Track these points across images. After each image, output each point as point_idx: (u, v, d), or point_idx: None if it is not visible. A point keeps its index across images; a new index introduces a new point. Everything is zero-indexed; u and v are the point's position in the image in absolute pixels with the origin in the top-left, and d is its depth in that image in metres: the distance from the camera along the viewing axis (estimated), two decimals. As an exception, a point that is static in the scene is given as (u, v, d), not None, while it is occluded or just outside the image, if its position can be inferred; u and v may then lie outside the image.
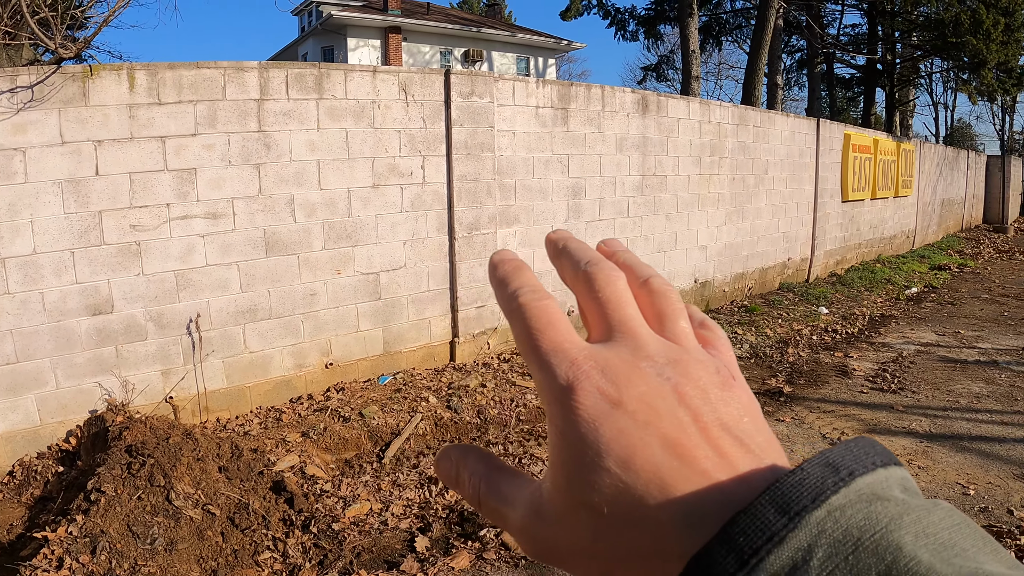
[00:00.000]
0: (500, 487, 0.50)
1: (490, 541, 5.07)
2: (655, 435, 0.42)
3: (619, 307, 0.49)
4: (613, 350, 0.46)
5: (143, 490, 4.93)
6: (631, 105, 10.27)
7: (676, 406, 0.43)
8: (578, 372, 0.44)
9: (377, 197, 7.59)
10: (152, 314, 6.39)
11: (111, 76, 6.00)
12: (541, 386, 0.46)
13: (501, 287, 0.52)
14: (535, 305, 0.48)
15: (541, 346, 0.46)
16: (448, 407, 7.00)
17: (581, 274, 0.51)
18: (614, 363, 0.45)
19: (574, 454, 0.43)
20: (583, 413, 0.43)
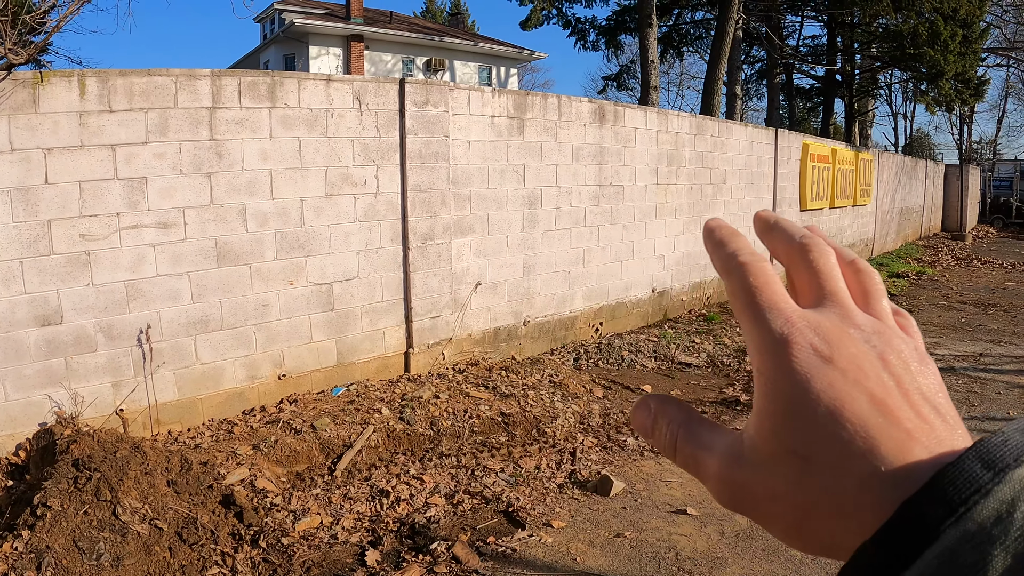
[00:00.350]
0: (699, 434, 0.53)
1: (441, 555, 5.05)
2: (863, 392, 0.45)
3: (831, 278, 0.52)
4: (823, 315, 0.50)
5: (89, 505, 4.87)
6: (588, 115, 10.29)
7: (881, 370, 0.46)
8: (792, 328, 0.48)
9: (330, 207, 7.55)
10: (102, 325, 6.31)
11: (62, 83, 5.93)
12: (754, 339, 0.49)
13: (719, 248, 0.55)
14: (756, 265, 0.52)
15: (759, 302, 0.50)
16: (401, 419, 6.96)
17: (796, 245, 0.54)
18: (825, 325, 0.48)
19: (784, 403, 0.46)
20: (797, 365, 0.46)
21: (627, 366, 9.85)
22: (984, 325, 13.17)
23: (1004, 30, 31.55)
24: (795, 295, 0.53)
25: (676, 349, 10.49)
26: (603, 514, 5.75)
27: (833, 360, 0.46)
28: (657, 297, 12.23)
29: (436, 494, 5.89)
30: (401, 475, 6.18)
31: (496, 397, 7.69)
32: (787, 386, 0.46)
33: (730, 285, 0.52)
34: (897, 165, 25.50)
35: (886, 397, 0.45)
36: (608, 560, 5.11)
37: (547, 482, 6.24)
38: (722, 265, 0.54)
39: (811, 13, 27.94)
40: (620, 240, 11.17)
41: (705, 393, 8.89)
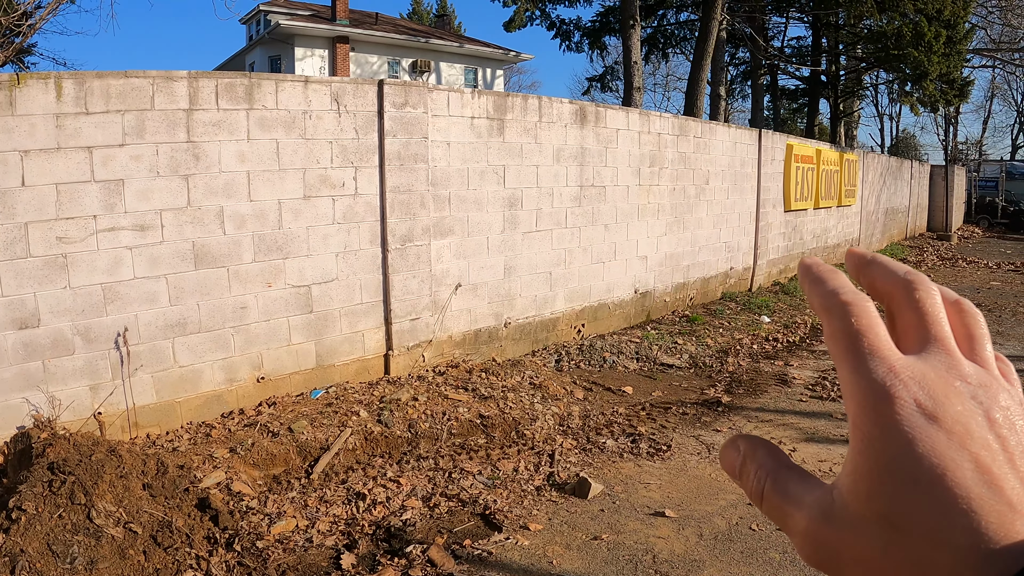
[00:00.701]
0: (787, 485, 0.50)
1: (416, 558, 5.03)
2: (967, 457, 0.42)
3: (938, 322, 0.49)
4: (929, 364, 0.46)
5: (64, 508, 4.84)
6: (569, 116, 10.28)
7: (987, 430, 0.44)
8: (896, 380, 0.45)
9: (308, 209, 7.52)
10: (79, 328, 6.27)
11: (38, 85, 5.89)
12: (853, 388, 0.46)
13: (817, 284, 0.52)
14: (860, 305, 0.48)
15: (862, 347, 0.47)
16: (379, 421, 6.94)
17: (901, 282, 0.51)
18: (931, 377, 0.45)
19: (881, 464, 0.44)
20: (899, 423, 0.44)
21: (609, 367, 9.85)
22: (967, 325, 13.17)
23: (989, 31, 31.69)
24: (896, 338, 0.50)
25: (658, 350, 10.49)
26: (580, 516, 5.74)
27: (938, 419, 0.44)
28: (640, 298, 12.23)
29: (413, 497, 5.87)
30: (378, 478, 6.16)
31: (475, 399, 7.67)
32: (885, 445, 0.44)
33: (829, 327, 0.49)
34: (882, 166, 25.57)
35: (991, 463, 0.42)
36: (585, 563, 5.10)
37: (525, 484, 6.23)
38: (821, 303, 0.51)
39: (796, 14, 28.01)
40: (602, 241, 11.16)
41: (687, 394, 8.89)
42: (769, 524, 5.65)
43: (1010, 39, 32.85)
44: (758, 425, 7.86)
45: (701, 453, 7.10)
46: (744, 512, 5.88)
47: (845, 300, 0.49)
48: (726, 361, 10.33)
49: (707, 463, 6.87)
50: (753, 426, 7.84)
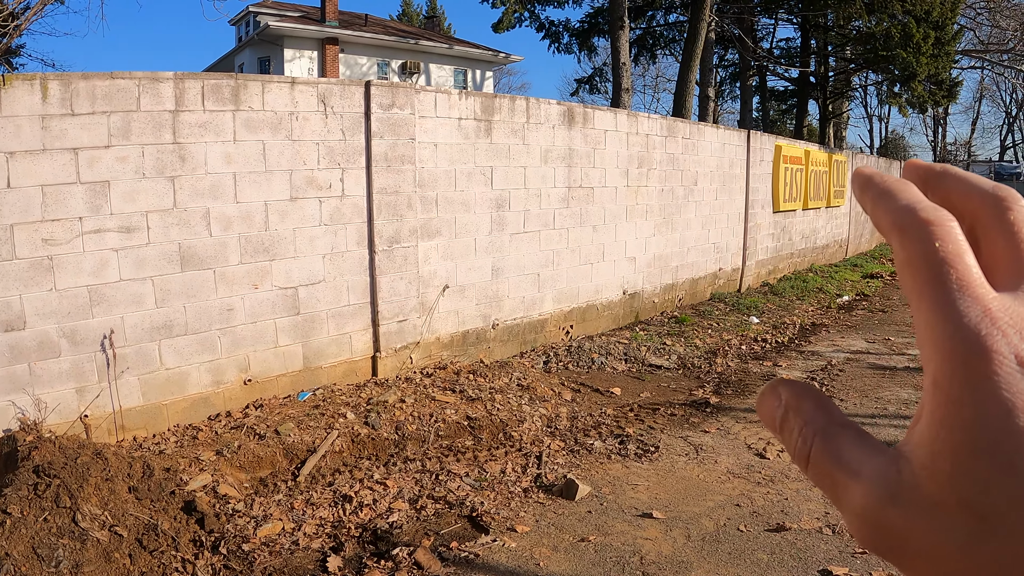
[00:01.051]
0: (841, 448, 0.41)
1: (403, 560, 5.01)
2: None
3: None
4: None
5: (49, 511, 4.81)
6: (557, 117, 10.27)
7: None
8: (993, 328, 0.36)
9: (295, 210, 7.50)
10: (65, 330, 6.23)
11: (24, 86, 5.86)
12: (935, 333, 0.38)
13: (886, 199, 0.42)
14: (944, 226, 0.39)
15: (949, 280, 0.38)
16: (366, 423, 6.92)
17: (990, 199, 0.42)
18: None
19: (970, 438, 0.35)
20: (997, 385, 0.35)
21: (597, 368, 9.84)
22: (955, 325, 13.21)
23: (978, 32, 31.78)
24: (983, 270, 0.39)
25: (647, 351, 10.49)
26: (568, 518, 5.72)
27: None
28: (628, 299, 12.23)
29: (400, 499, 5.85)
30: (365, 480, 6.13)
31: (463, 401, 7.66)
32: (977, 414, 0.35)
33: (905, 251, 0.39)
34: (872, 166, 25.58)
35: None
36: (572, 565, 5.08)
37: (512, 486, 6.21)
38: (893, 221, 0.41)
39: (785, 16, 28.04)
40: (590, 242, 11.16)
41: (675, 395, 8.88)
42: (757, 526, 5.65)
43: (998, 40, 32.92)
44: (746, 426, 7.85)
45: (689, 454, 7.09)
46: (732, 513, 5.88)
47: (926, 218, 0.39)
48: (714, 362, 10.32)
49: (695, 464, 6.86)
50: (742, 427, 7.83)
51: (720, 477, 6.60)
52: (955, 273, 0.37)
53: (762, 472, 6.69)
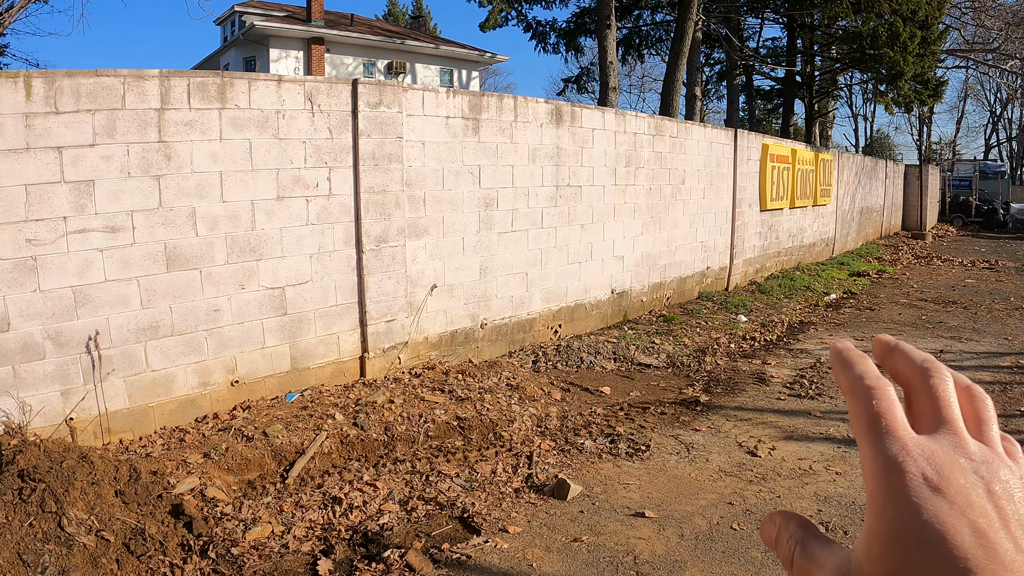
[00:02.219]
0: (813, 550, 0.56)
1: (394, 563, 4.95)
2: (967, 525, 0.47)
3: (950, 406, 0.55)
4: (938, 443, 0.52)
5: (34, 516, 4.74)
6: (544, 115, 10.23)
7: (986, 501, 0.49)
8: (907, 456, 0.51)
9: (282, 210, 7.42)
10: (50, 332, 6.15)
11: (7, 84, 5.77)
12: (870, 463, 0.52)
13: (847, 369, 0.58)
14: (880, 390, 0.55)
15: (880, 427, 0.53)
16: (355, 424, 6.86)
17: (919, 370, 0.57)
18: (938, 454, 0.51)
19: (891, 529, 0.49)
20: (907, 493, 0.49)
21: (586, 368, 9.80)
22: (944, 322, 13.30)
23: (963, 32, 31.90)
24: (912, 419, 0.55)
25: (636, 350, 10.46)
26: (560, 518, 5.68)
27: (942, 490, 0.49)
28: (616, 298, 12.20)
29: (390, 500, 5.79)
30: (354, 482, 6.07)
31: (452, 401, 7.60)
32: (895, 513, 0.49)
33: (853, 408, 0.55)
34: (857, 165, 25.70)
35: (987, 529, 0.47)
36: (565, 565, 5.04)
37: (503, 487, 6.16)
38: (849, 386, 0.57)
39: (771, 15, 28.09)
40: (578, 241, 11.12)
41: (665, 394, 8.85)
42: (750, 524, 5.63)
43: (983, 40, 33.06)
44: (737, 424, 7.83)
45: (680, 453, 7.05)
46: (724, 512, 5.85)
47: (868, 385, 0.55)
48: (704, 360, 10.30)
49: (686, 463, 6.83)
50: (732, 425, 7.80)
51: (712, 475, 6.57)
52: (884, 422, 0.53)
53: (754, 470, 6.67)
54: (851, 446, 7.21)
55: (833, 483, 6.41)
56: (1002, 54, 32.85)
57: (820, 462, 6.86)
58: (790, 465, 6.78)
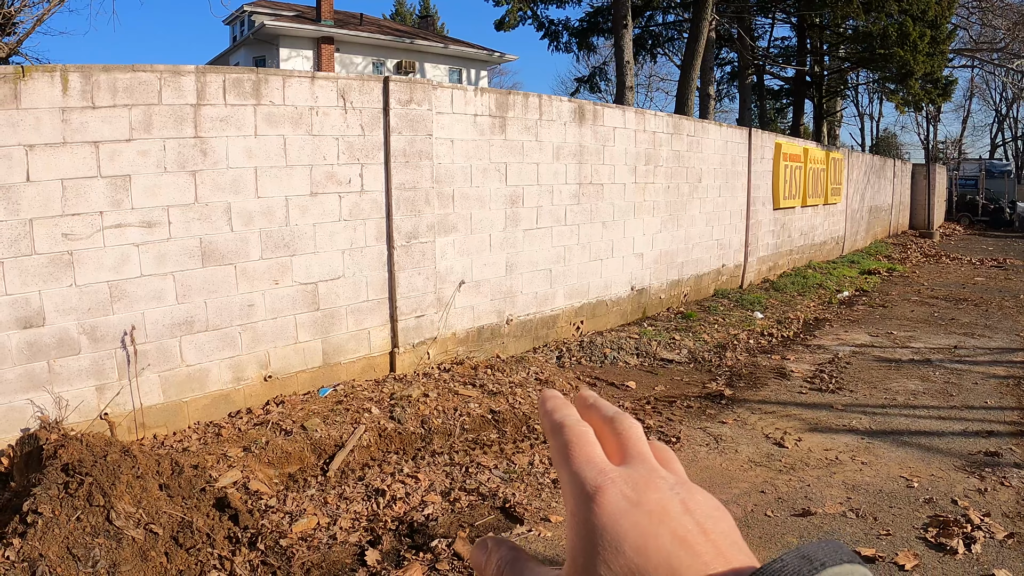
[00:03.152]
0: (523, 570, 0.60)
1: (442, 552, 5.01)
2: (667, 531, 0.51)
3: (639, 442, 0.60)
4: (633, 468, 0.57)
5: (82, 510, 4.77)
6: (568, 114, 10.29)
7: (683, 513, 0.52)
8: (605, 478, 0.55)
9: (315, 205, 7.48)
10: (85, 327, 6.19)
11: (44, 78, 5.81)
12: (571, 488, 0.56)
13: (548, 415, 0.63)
14: (577, 428, 0.60)
15: (578, 456, 0.57)
16: (391, 418, 6.92)
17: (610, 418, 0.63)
18: (635, 476, 0.55)
19: (595, 541, 0.51)
20: (607, 508, 0.52)
21: (610, 363, 9.85)
22: (957, 319, 13.34)
23: (970, 31, 31.94)
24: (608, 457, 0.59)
25: (657, 346, 10.51)
26: (599, 509, 5.73)
27: (640, 504, 0.52)
28: (636, 295, 12.26)
29: (432, 492, 5.85)
30: (395, 474, 6.13)
31: (484, 395, 7.67)
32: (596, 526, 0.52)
33: (555, 443, 0.60)
34: (866, 164, 25.72)
35: (687, 534, 0.51)
36: (608, 553, 5.09)
37: (541, 478, 6.22)
38: (548, 426, 0.62)
39: (781, 15, 28.11)
40: (600, 239, 11.19)
41: (689, 388, 8.91)
42: (783, 511, 5.70)
43: (990, 39, 33.09)
44: (762, 417, 7.90)
45: (709, 444, 7.12)
46: (757, 500, 5.91)
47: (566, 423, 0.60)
48: (724, 356, 10.36)
49: (716, 454, 6.89)
50: (758, 417, 7.87)
51: (742, 466, 6.64)
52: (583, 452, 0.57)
53: (782, 460, 6.73)
54: (875, 438, 7.29)
55: (860, 472, 6.48)
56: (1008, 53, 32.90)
57: (846, 452, 6.93)
58: (817, 455, 6.84)
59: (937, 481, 6.29)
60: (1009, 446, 7.07)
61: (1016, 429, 7.55)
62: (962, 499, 5.91)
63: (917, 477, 6.35)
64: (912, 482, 6.26)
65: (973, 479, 6.34)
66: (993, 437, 7.32)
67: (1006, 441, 7.20)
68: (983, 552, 5.11)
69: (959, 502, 5.85)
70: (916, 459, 6.77)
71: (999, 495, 6.03)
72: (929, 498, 5.95)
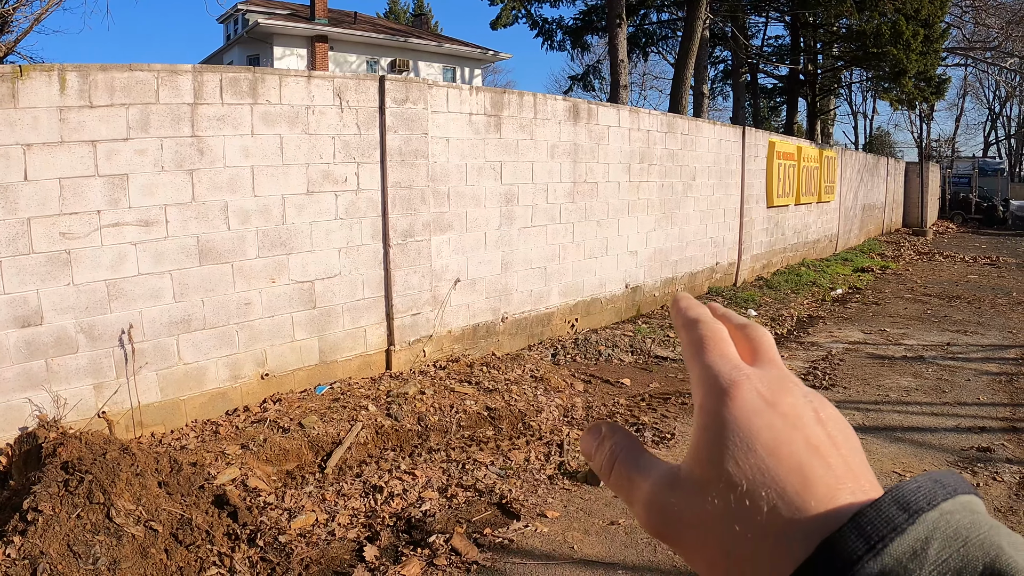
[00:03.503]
0: (639, 458, 0.57)
1: (440, 547, 5.04)
2: (800, 436, 0.50)
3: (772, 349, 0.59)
4: (767, 370, 0.56)
5: (82, 508, 4.79)
6: (562, 112, 10.33)
7: (815, 422, 0.51)
8: (740, 375, 0.53)
9: (311, 204, 7.51)
10: (83, 325, 6.21)
11: (41, 77, 5.82)
12: (703, 380, 0.55)
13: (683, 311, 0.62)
14: (712, 324, 0.59)
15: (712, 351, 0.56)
16: (388, 415, 6.95)
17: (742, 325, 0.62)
18: (769, 377, 0.54)
19: (725, 435, 0.50)
20: (741, 403, 0.51)
21: (604, 360, 9.89)
22: (950, 316, 13.40)
23: (963, 30, 32.01)
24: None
25: (652, 343, 10.56)
26: (595, 503, 5.78)
27: (775, 404, 0.51)
28: (630, 293, 12.30)
29: (429, 488, 5.89)
30: (392, 471, 6.16)
31: (480, 392, 7.71)
32: (729, 420, 0.51)
33: (688, 336, 0.59)
34: (859, 162, 25.80)
35: (819, 444, 0.50)
36: (605, 547, 5.14)
37: (537, 474, 6.26)
38: (682, 322, 0.61)
39: (775, 14, 28.18)
40: (594, 237, 11.23)
41: (684, 385, 8.94)
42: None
43: (983, 38, 33.18)
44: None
45: (705, 443, 7.15)
46: (754, 498, 5.95)
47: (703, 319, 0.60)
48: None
49: (712, 452, 6.92)
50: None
51: (737, 463, 6.67)
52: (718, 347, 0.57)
53: (778, 458, 6.77)
54: (867, 433, 7.33)
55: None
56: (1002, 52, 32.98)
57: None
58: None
59: (930, 476, 6.34)
60: (1001, 442, 7.12)
61: (1008, 425, 7.61)
62: (955, 494, 5.95)
63: (910, 473, 6.39)
64: (905, 477, 6.27)
65: (965, 475, 6.39)
66: (985, 433, 7.37)
67: (998, 437, 7.26)
68: (975, 546, 5.15)
69: (953, 497, 5.90)
70: (909, 455, 6.82)
71: (991, 490, 6.08)
72: (922, 493, 5.99)
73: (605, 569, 4.92)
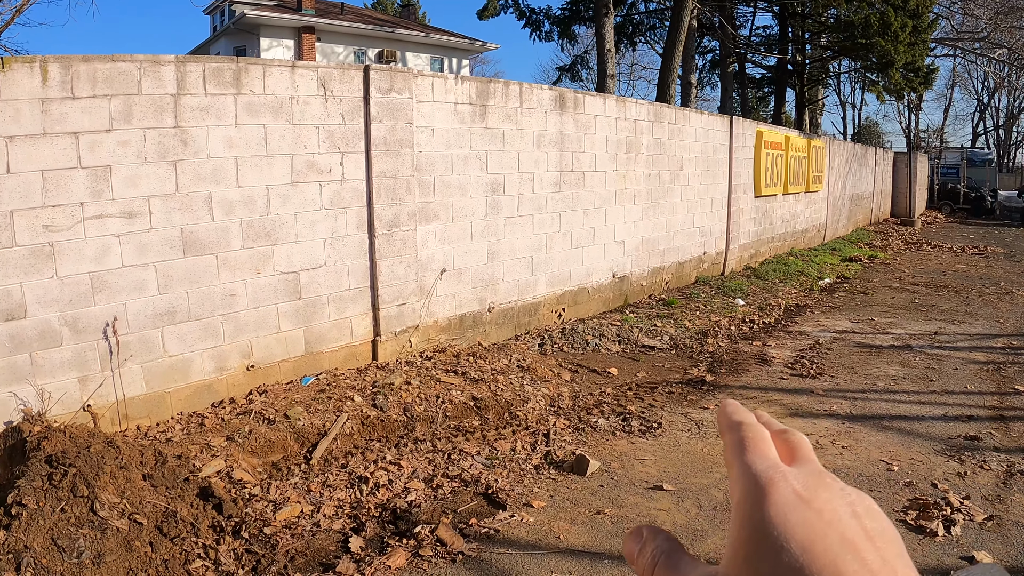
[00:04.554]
0: (678, 563, 0.59)
1: (425, 538, 5.03)
2: (835, 532, 0.50)
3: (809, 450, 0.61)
4: (803, 469, 0.57)
5: (66, 501, 4.77)
6: (549, 102, 10.31)
7: (851, 517, 0.52)
8: (777, 473, 0.55)
9: (296, 195, 7.48)
10: (67, 319, 6.17)
11: (23, 69, 5.77)
12: (741, 479, 0.56)
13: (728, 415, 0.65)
14: (755, 426, 0.62)
15: (752, 450, 0.58)
16: (374, 405, 6.94)
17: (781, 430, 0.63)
18: (805, 475, 0.56)
19: (760, 535, 0.51)
20: (777, 501, 0.52)
21: (592, 350, 9.90)
22: (937, 305, 13.44)
23: (952, 21, 32.07)
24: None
25: (639, 333, 10.56)
26: (581, 493, 5.79)
27: (811, 502, 0.52)
28: (618, 282, 12.30)
29: (415, 479, 5.88)
30: (378, 461, 6.16)
31: (466, 382, 7.69)
32: (764, 520, 0.52)
33: (729, 438, 0.61)
34: (848, 152, 25.84)
35: (855, 539, 0.50)
36: (591, 537, 5.14)
37: (523, 464, 6.27)
38: (726, 424, 0.63)
39: (763, 3, 28.17)
40: (581, 226, 11.22)
41: (671, 374, 8.96)
42: (765, 498, 5.73)
43: (971, 29, 33.24)
44: (743, 402, 7.61)
45: (691, 430, 7.17)
46: (740, 486, 5.95)
47: (746, 422, 0.62)
48: (706, 342, 10.41)
49: (698, 439, 6.94)
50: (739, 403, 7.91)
51: (724, 452, 6.68)
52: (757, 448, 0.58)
53: (764, 446, 6.77)
54: (855, 422, 7.37)
55: (840, 456, 6.56)
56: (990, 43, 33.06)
57: (826, 437, 6.99)
58: (799, 441, 6.89)
59: (917, 465, 6.36)
60: (988, 430, 7.14)
61: (995, 413, 7.63)
62: (942, 482, 5.97)
63: (897, 461, 6.42)
64: (892, 466, 6.32)
65: (953, 463, 6.41)
66: (973, 421, 7.40)
67: (985, 425, 7.28)
68: (962, 534, 5.17)
69: (939, 485, 5.92)
70: (896, 443, 6.84)
71: (978, 478, 6.10)
72: (909, 481, 6.01)
73: (591, 559, 4.92)
